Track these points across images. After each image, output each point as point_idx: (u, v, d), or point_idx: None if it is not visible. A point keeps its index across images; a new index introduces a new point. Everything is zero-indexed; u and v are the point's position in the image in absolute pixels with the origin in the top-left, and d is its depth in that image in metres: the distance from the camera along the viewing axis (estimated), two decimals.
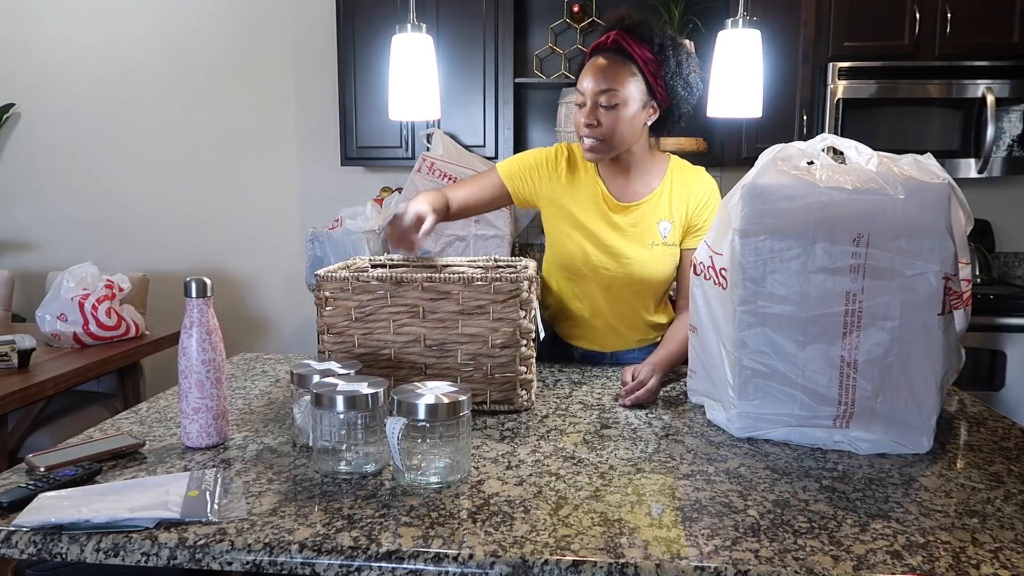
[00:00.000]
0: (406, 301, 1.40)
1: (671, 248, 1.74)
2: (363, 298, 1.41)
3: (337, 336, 1.44)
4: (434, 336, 1.41)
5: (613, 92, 1.59)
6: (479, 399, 1.42)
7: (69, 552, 0.94)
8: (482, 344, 1.40)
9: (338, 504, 1.03)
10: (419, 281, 1.39)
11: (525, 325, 1.40)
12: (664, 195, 1.73)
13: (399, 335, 1.42)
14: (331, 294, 1.43)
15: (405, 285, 1.39)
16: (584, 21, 3.40)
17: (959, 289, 1.28)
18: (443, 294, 1.39)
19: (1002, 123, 3.03)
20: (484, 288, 1.38)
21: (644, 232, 1.72)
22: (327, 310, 1.43)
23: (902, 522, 1.00)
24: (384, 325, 1.42)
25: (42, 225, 3.88)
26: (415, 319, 1.41)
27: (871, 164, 1.28)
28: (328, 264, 3.05)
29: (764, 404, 1.28)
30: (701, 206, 1.72)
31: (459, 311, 1.39)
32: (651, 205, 1.73)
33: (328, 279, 1.42)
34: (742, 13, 1.49)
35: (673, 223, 1.72)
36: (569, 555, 0.90)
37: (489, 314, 1.39)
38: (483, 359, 1.41)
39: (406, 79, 1.52)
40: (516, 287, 1.38)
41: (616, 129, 1.62)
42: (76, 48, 3.75)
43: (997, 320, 2.93)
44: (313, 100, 3.68)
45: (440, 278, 1.38)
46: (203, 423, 1.24)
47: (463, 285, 1.38)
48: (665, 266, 1.74)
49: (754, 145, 3.12)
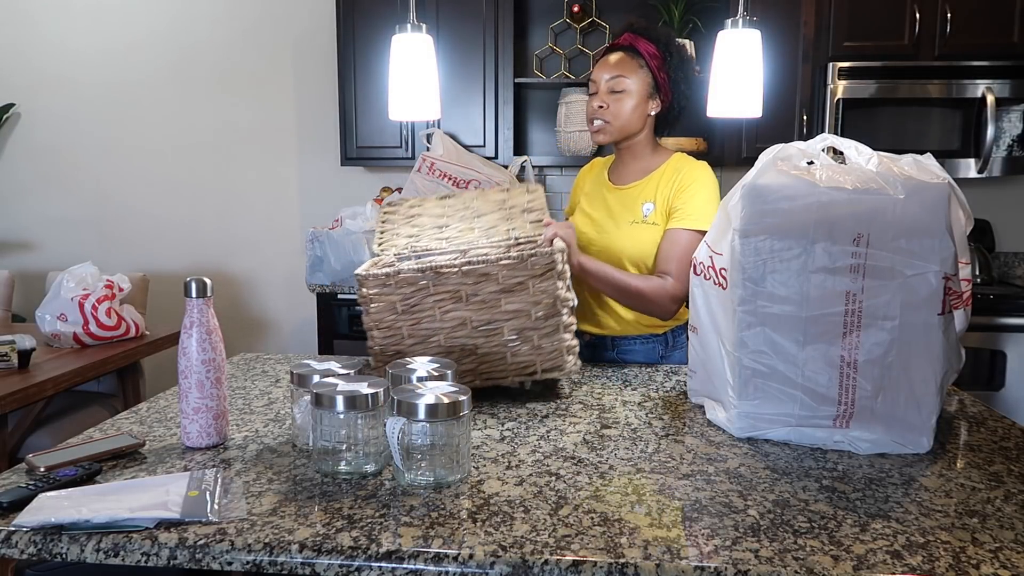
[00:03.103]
0: (447, 288, 1.44)
1: (650, 227, 1.80)
2: (406, 291, 1.45)
3: (386, 331, 1.47)
4: (479, 317, 1.46)
5: (621, 78, 1.78)
6: (529, 370, 1.49)
7: (69, 552, 0.94)
8: (526, 318, 1.45)
9: (338, 504, 1.03)
10: (458, 267, 1.43)
11: (563, 295, 1.46)
12: (654, 180, 1.84)
13: (445, 321, 1.46)
14: (374, 291, 1.45)
15: (445, 272, 1.43)
16: (584, 21, 3.40)
17: (959, 289, 1.28)
18: (483, 276, 1.44)
19: (1002, 123, 3.03)
20: (521, 265, 1.43)
21: (627, 210, 1.84)
22: (372, 307, 1.46)
23: (902, 522, 1.00)
24: (430, 314, 1.46)
25: (42, 225, 3.88)
26: (459, 303, 1.45)
27: (871, 164, 1.28)
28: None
29: (764, 404, 1.28)
30: (683, 189, 1.80)
31: (500, 290, 1.44)
32: (640, 188, 1.85)
33: (370, 277, 1.45)
34: (742, 13, 1.49)
35: (656, 204, 1.81)
36: (569, 555, 0.90)
37: (529, 289, 1.44)
38: (528, 332, 1.46)
39: (406, 79, 1.52)
40: (551, 260, 1.43)
41: (621, 113, 1.79)
42: (76, 48, 3.75)
43: (997, 320, 2.93)
44: (313, 100, 3.68)
45: (478, 260, 1.43)
46: (203, 423, 1.24)
47: (501, 265, 1.42)
48: (640, 244, 1.80)
49: (754, 145, 3.12)
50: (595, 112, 1.81)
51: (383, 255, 1.74)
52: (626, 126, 1.81)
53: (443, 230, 1.76)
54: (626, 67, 1.79)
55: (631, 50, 1.80)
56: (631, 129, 1.82)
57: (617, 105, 1.79)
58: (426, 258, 1.71)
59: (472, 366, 1.49)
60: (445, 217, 1.78)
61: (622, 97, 1.79)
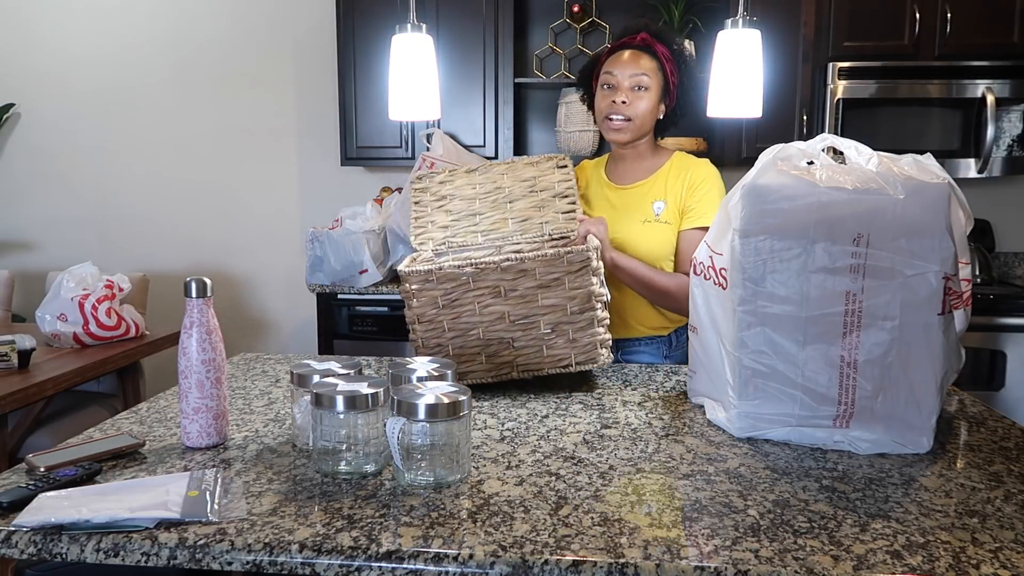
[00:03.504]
0: (487, 283, 1.50)
1: (664, 226, 1.81)
2: (448, 286, 1.50)
3: (428, 324, 1.52)
4: (517, 311, 1.52)
5: (644, 76, 1.78)
6: (564, 363, 1.55)
7: (69, 552, 0.94)
8: (562, 313, 1.52)
9: (338, 504, 1.03)
10: (497, 263, 1.48)
11: (597, 290, 1.52)
12: (661, 179, 1.84)
13: (484, 315, 1.52)
14: (417, 287, 1.49)
15: (486, 268, 1.48)
16: (584, 21, 3.40)
17: (959, 289, 1.28)
18: (521, 272, 1.49)
19: (1002, 123, 3.03)
20: (558, 262, 1.49)
21: (636, 209, 1.83)
22: (415, 302, 1.50)
23: (902, 522, 1.00)
24: (470, 308, 1.51)
25: (42, 225, 3.88)
26: (497, 298, 1.51)
27: (871, 164, 1.28)
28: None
29: (764, 404, 1.28)
30: (695, 187, 1.81)
31: (537, 285, 1.50)
32: (647, 187, 1.85)
33: (413, 273, 1.49)
34: (742, 13, 1.49)
35: (667, 203, 1.82)
36: (569, 555, 0.90)
37: (565, 285, 1.50)
38: (564, 326, 1.53)
39: (406, 79, 1.52)
40: (587, 258, 1.49)
41: (642, 110, 1.79)
42: (76, 48, 3.75)
43: (997, 320, 2.93)
44: (313, 100, 3.68)
45: (517, 258, 1.48)
46: (203, 423, 1.24)
47: (539, 262, 1.48)
48: (657, 242, 1.81)
49: (754, 145, 3.12)
50: (616, 108, 1.79)
51: (420, 249, 1.79)
52: (643, 125, 1.81)
53: (477, 220, 1.81)
54: (648, 66, 1.79)
55: (649, 50, 1.81)
56: (646, 129, 1.83)
57: (638, 102, 1.79)
58: (464, 253, 1.78)
59: (510, 358, 1.55)
60: (478, 201, 1.82)
61: (644, 95, 1.79)
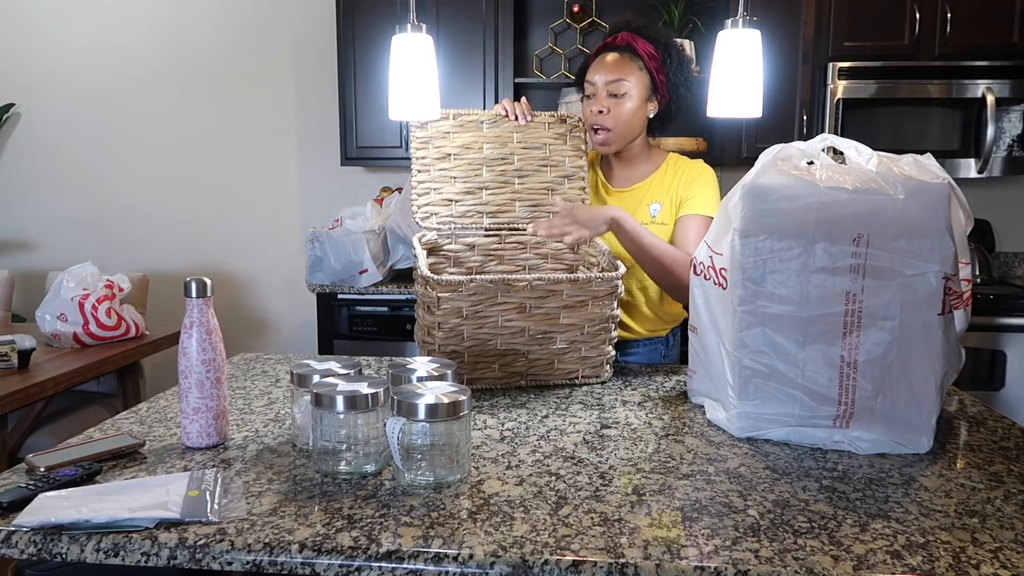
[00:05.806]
0: (515, 300, 1.51)
1: (661, 228, 1.79)
2: (475, 298, 1.50)
3: (448, 332, 1.52)
4: (538, 327, 1.54)
5: (621, 82, 1.73)
6: (571, 376, 1.60)
7: (69, 552, 0.94)
8: (578, 332, 1.56)
9: (338, 504, 1.03)
10: (529, 282, 1.50)
11: (614, 312, 1.57)
12: (656, 181, 1.82)
13: (505, 328, 1.53)
14: (445, 295, 1.49)
15: (516, 286, 1.49)
16: (584, 21, 3.40)
17: (959, 289, 1.28)
18: (549, 292, 1.52)
19: (1002, 123, 3.03)
20: (587, 286, 1.52)
21: (633, 212, 1.78)
22: (439, 310, 1.50)
23: (902, 522, 1.00)
24: (493, 320, 1.52)
25: (42, 225, 3.88)
26: (522, 314, 1.53)
27: (871, 164, 1.28)
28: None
29: (764, 404, 1.28)
30: (691, 181, 1.79)
31: (563, 306, 1.53)
32: (643, 190, 1.83)
33: (443, 283, 1.47)
34: (742, 13, 1.49)
35: (663, 204, 1.79)
36: (569, 555, 0.90)
37: (588, 306, 1.54)
38: (578, 343, 1.57)
39: (406, 79, 1.52)
40: (614, 285, 1.53)
41: (623, 117, 1.74)
42: (76, 48, 3.75)
43: (997, 320, 2.93)
44: (313, 100, 3.68)
45: (548, 279, 1.50)
46: (203, 423, 1.24)
47: (569, 284, 1.51)
48: None
49: (754, 145, 3.12)
50: (595, 118, 1.75)
51: (423, 223, 1.76)
52: (628, 131, 1.76)
53: (483, 198, 1.79)
54: (625, 68, 1.72)
55: (629, 50, 1.74)
56: (633, 134, 1.78)
57: (618, 109, 1.73)
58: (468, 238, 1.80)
59: (522, 368, 1.57)
60: (484, 169, 1.80)
61: (622, 101, 1.73)
